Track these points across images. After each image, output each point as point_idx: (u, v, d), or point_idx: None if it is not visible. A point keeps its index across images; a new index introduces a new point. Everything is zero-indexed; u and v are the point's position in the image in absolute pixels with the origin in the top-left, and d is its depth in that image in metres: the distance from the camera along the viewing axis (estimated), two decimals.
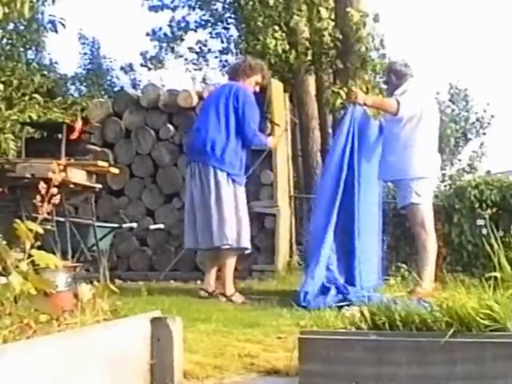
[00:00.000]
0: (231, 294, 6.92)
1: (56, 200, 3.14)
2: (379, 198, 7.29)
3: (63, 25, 8.18)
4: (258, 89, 7.48)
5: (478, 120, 30.76)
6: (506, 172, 11.42)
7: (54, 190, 3.13)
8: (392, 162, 6.82)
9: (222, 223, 6.91)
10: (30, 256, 3.01)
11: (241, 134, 7.08)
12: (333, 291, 6.48)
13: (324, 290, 6.48)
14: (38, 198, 3.12)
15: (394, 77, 7.01)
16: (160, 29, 18.28)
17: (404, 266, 7.29)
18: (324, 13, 11.52)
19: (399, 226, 9.10)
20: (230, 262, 7.04)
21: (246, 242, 7.11)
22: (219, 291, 7.02)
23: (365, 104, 6.77)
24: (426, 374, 2.95)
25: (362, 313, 3.31)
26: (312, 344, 3.15)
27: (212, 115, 7.13)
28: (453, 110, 30.85)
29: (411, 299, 3.53)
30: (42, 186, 3.09)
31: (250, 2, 13.42)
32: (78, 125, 7.84)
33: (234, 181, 7.06)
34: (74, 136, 7.80)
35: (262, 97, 9.69)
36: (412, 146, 6.76)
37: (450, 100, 31.06)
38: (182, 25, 17.97)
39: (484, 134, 30.86)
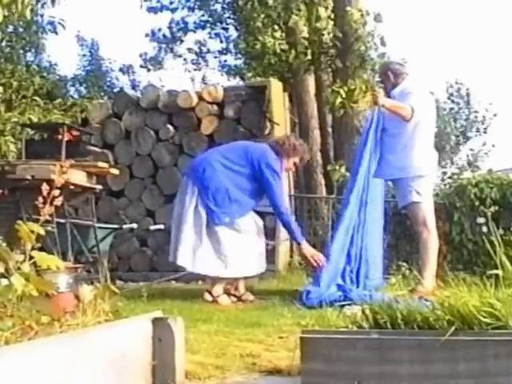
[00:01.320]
0: (241, 293, 6.93)
1: (58, 202, 3.14)
2: (382, 197, 7.29)
3: (63, 26, 8.19)
4: (293, 168, 7.42)
5: (476, 118, 30.73)
6: (506, 170, 11.39)
7: (56, 192, 3.13)
8: (392, 160, 6.80)
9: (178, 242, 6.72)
10: (31, 257, 3.01)
11: (272, 205, 6.85)
12: (334, 289, 6.49)
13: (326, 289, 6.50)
14: (40, 199, 3.12)
15: (392, 75, 7.00)
16: (159, 30, 18.27)
17: (405, 264, 7.32)
18: (323, 12, 11.52)
19: (399, 225, 9.08)
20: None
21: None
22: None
23: (382, 106, 6.73)
24: (428, 373, 2.95)
25: (363, 311, 3.31)
26: (314, 343, 3.15)
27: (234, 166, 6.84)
28: (451, 109, 30.82)
29: (413, 298, 3.53)
30: (45, 187, 3.09)
31: (249, 2, 13.41)
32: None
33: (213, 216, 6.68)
34: (69, 138, 7.83)
35: (262, 97, 9.73)
36: (412, 145, 6.75)
37: (448, 98, 31.05)
38: (181, 26, 17.98)
39: (485, 132, 30.81)
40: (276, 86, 10.01)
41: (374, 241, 6.93)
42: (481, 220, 7.52)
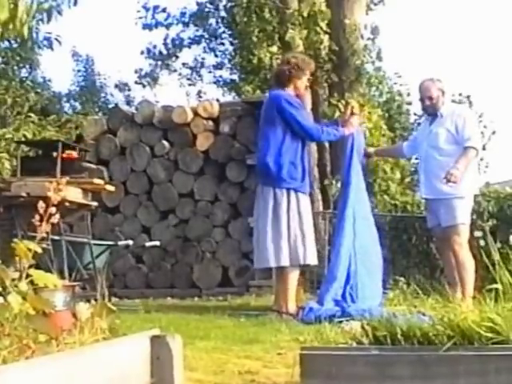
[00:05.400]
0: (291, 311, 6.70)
1: (55, 219, 3.12)
2: (371, 213, 7.31)
3: (59, 42, 8.17)
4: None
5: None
6: (503, 183, 11.39)
7: (53, 209, 3.12)
8: (442, 179, 6.77)
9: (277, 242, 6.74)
10: (27, 275, 2.98)
11: (304, 140, 6.95)
12: (331, 305, 6.48)
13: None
14: (37, 217, 3.10)
15: (441, 94, 7.06)
16: (154, 47, 18.30)
17: (402, 279, 7.30)
18: (323, 25, 11.55)
19: (396, 239, 9.08)
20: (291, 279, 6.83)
21: (309, 259, 6.85)
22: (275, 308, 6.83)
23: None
24: None
25: (363, 327, 3.29)
26: (313, 360, 3.12)
27: (262, 133, 7.01)
28: None
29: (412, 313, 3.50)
30: (41, 205, 3.07)
31: (247, 14, 13.43)
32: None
33: (296, 193, 6.82)
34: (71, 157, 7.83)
35: (257, 112, 9.72)
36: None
37: None
38: (176, 42, 17.99)
39: (484, 149, 30.76)
40: None
41: (370, 257, 6.91)
42: (478, 234, 7.51)
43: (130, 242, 8.99)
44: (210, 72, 18.56)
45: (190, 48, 18.06)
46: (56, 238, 7.35)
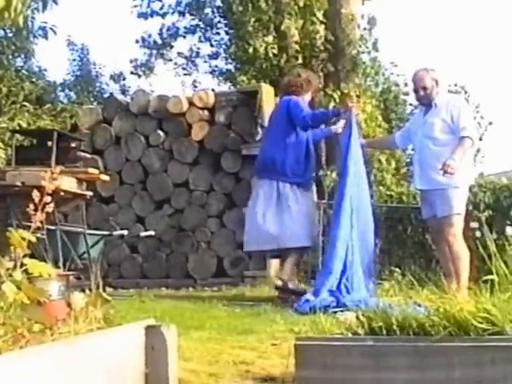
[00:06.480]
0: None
1: (49, 208, 3.10)
2: (369, 203, 7.29)
3: (54, 31, 8.14)
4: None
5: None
6: (500, 174, 11.39)
7: (48, 199, 3.10)
8: (437, 170, 6.74)
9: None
10: (22, 265, 2.97)
11: (308, 139, 7.37)
12: (326, 295, 6.47)
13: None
14: (31, 206, 3.09)
15: (436, 84, 7.01)
16: (149, 36, 18.24)
17: (397, 270, 7.29)
18: (320, 15, 11.52)
19: (391, 230, 9.08)
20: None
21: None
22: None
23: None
24: (424, 379, 2.92)
25: (358, 318, 3.28)
26: (308, 350, 3.12)
27: (270, 131, 7.60)
28: None
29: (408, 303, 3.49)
30: (36, 194, 3.06)
31: (240, 8, 13.40)
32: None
33: (299, 188, 7.30)
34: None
35: (253, 102, 9.71)
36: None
37: None
38: (172, 32, 17.94)
39: (480, 139, 30.77)
40: (267, 91, 9.97)
41: (365, 248, 6.91)
42: (474, 225, 7.49)
43: (125, 232, 8.97)
44: (205, 62, 18.53)
45: (185, 38, 18.03)
46: (51, 227, 7.33)
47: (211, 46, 18.10)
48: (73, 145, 8.33)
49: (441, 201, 6.79)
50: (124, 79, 20.58)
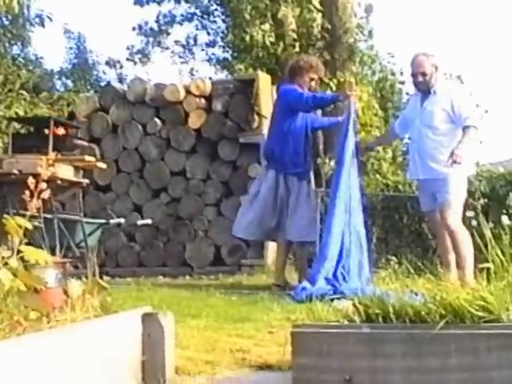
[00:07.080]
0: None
1: (45, 195, 3.10)
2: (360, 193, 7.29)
3: (50, 19, 8.12)
4: (313, 84, 7.67)
5: None
6: (496, 163, 11.39)
7: (43, 186, 3.10)
8: (441, 159, 6.69)
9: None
10: (18, 252, 2.97)
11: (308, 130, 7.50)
12: (322, 283, 6.48)
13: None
14: (27, 193, 3.08)
15: (435, 70, 6.93)
16: (146, 23, 18.18)
17: (394, 258, 7.30)
18: (316, 3, 11.50)
19: (388, 219, 9.08)
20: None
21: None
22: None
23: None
24: (420, 366, 2.94)
25: (354, 305, 3.29)
26: (304, 337, 3.13)
27: (271, 121, 7.71)
28: None
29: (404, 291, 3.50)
30: (31, 181, 3.05)
31: None
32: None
33: (298, 179, 7.40)
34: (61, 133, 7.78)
35: (250, 90, 9.69)
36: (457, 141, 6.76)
37: None
38: (168, 19, 17.89)
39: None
40: (264, 79, 9.96)
41: (359, 236, 6.90)
42: (470, 213, 7.49)
43: (122, 221, 8.96)
44: (202, 50, 18.48)
45: (181, 25, 17.96)
46: (48, 215, 7.33)
47: (208, 34, 18.07)
48: (69, 132, 8.30)
49: (442, 189, 6.74)
50: (121, 67, 20.53)
